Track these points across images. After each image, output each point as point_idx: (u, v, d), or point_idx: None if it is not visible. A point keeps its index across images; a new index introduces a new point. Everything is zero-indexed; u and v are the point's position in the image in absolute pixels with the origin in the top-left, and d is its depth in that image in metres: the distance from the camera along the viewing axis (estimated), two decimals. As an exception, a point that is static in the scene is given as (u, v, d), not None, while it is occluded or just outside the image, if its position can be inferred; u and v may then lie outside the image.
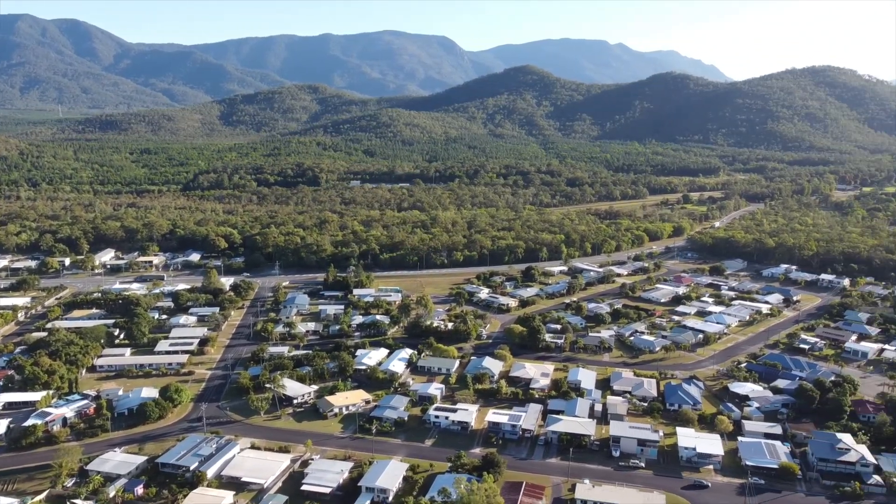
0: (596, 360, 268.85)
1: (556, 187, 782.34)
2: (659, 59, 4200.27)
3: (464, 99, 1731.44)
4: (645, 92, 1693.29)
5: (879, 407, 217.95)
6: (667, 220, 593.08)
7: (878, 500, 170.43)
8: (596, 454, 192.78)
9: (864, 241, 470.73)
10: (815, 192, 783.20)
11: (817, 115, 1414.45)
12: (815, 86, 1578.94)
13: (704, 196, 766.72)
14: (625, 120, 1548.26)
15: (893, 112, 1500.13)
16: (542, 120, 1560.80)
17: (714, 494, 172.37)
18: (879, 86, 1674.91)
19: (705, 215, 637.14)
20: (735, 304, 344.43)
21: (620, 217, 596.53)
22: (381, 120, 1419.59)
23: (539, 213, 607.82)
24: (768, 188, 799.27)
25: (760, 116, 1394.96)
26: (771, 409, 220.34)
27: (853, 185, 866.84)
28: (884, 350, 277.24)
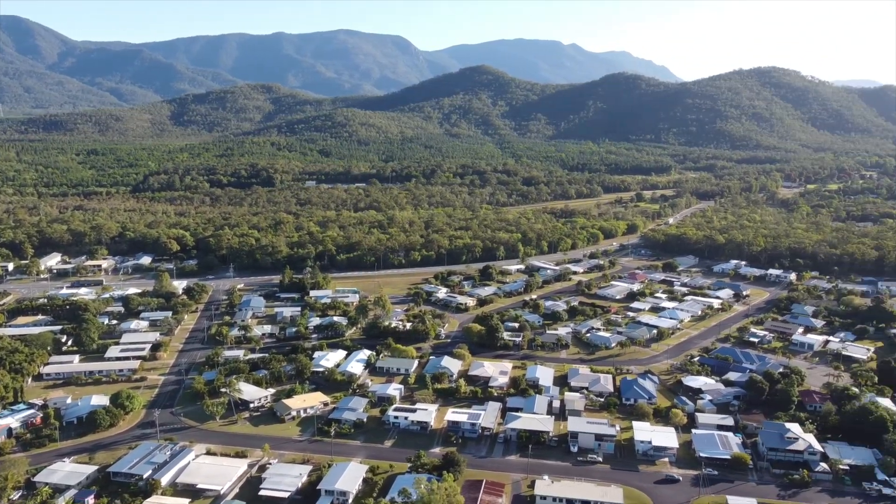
0: (553, 358, 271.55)
1: (512, 186, 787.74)
2: (611, 59, 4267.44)
3: (419, 99, 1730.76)
4: (598, 92, 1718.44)
5: (825, 397, 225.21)
6: (621, 218, 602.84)
7: (825, 487, 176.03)
8: (555, 450, 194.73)
9: (808, 236, 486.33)
10: (763, 190, 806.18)
11: (763, 114, 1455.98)
12: (761, 86, 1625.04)
13: (657, 194, 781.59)
14: (579, 119, 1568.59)
15: (835, 112, 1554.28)
16: (497, 119, 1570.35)
17: (670, 486, 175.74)
18: (821, 86, 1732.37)
19: (658, 213, 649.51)
20: (687, 299, 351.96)
21: (576, 215, 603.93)
22: (336, 120, 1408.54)
23: (496, 213, 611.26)
24: (718, 186, 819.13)
25: (710, 116, 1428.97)
26: (723, 401, 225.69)
27: (798, 183, 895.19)
28: (828, 342, 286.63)
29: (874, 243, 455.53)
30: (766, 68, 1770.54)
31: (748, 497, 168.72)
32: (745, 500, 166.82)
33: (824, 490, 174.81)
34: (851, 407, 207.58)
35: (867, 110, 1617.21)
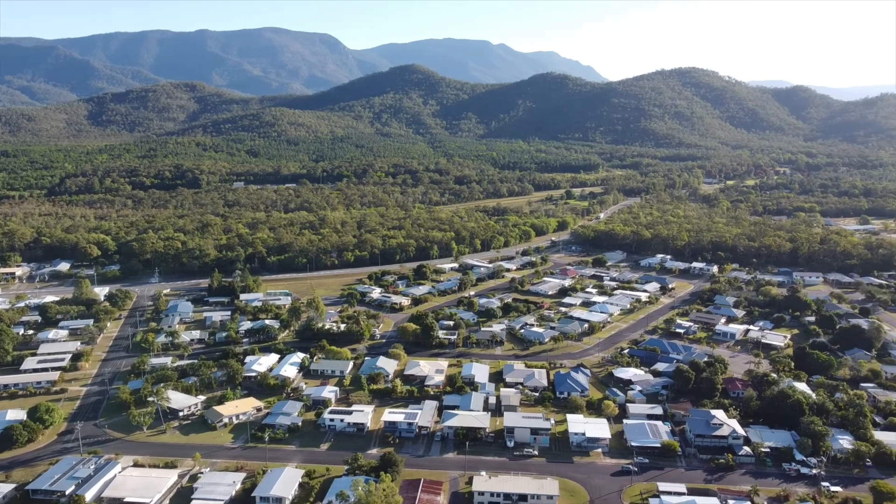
0: (489, 354, 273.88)
1: (444, 185, 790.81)
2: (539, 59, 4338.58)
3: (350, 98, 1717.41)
4: (527, 91, 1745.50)
5: (747, 383, 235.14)
6: (552, 215, 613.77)
7: (748, 469, 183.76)
8: (491, 446, 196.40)
9: (729, 230, 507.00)
10: (686, 186, 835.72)
11: (685, 113, 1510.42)
12: (682, 86, 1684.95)
13: (586, 191, 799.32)
14: (509, 119, 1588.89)
15: (751, 111, 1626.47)
16: (429, 119, 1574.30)
17: (603, 476, 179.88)
18: (738, 86, 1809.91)
19: (587, 210, 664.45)
20: (617, 293, 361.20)
21: (508, 213, 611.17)
22: (264, 119, 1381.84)
23: (429, 212, 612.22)
24: (643, 183, 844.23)
25: (634, 115, 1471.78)
26: (652, 391, 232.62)
27: (718, 179, 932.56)
28: (749, 331, 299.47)
29: (788, 236, 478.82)
30: (686, 69, 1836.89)
31: (677, 483, 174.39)
32: (674, 485, 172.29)
33: (748, 472, 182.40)
34: (771, 392, 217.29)
35: (780, 109, 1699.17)
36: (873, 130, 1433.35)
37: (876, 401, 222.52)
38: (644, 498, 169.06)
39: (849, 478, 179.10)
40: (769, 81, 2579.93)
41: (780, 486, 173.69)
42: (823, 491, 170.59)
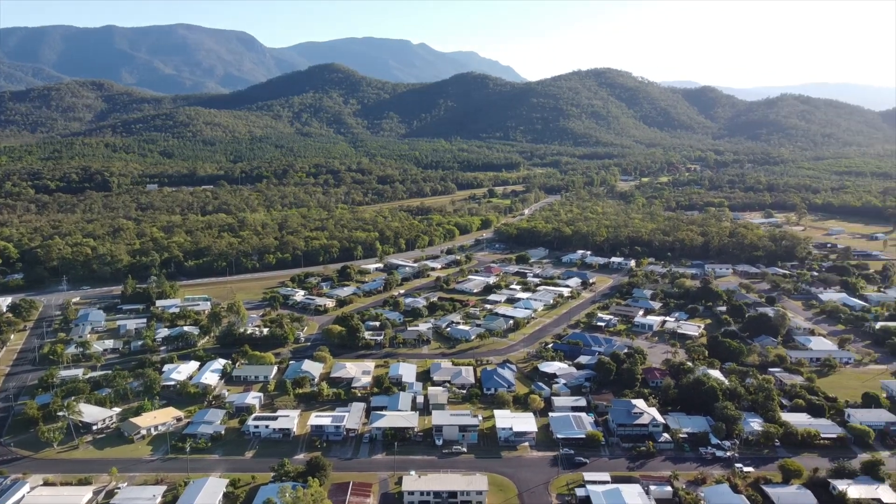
0: (416, 354, 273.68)
1: (367, 185, 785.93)
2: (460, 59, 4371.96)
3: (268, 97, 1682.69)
4: (448, 91, 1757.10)
5: (664, 372, 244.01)
6: (475, 213, 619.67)
7: (668, 455, 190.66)
8: (420, 445, 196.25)
9: (645, 225, 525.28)
10: (603, 184, 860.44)
11: (601, 112, 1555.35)
12: (598, 86, 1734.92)
13: (508, 190, 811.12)
14: (431, 118, 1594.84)
15: (663, 110, 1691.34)
16: (350, 118, 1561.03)
17: (530, 469, 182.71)
18: (650, 87, 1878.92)
19: (510, 208, 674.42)
20: (540, 289, 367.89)
21: (432, 212, 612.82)
22: (178, 119, 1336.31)
23: (352, 212, 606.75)
24: (563, 181, 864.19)
25: (553, 114, 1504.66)
26: (576, 383, 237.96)
27: (634, 176, 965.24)
28: (665, 322, 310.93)
29: (700, 230, 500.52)
30: (601, 69, 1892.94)
31: (602, 472, 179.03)
32: (599, 474, 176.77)
33: (667, 458, 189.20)
34: (687, 380, 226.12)
35: (690, 109, 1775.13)
36: (775, 129, 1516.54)
37: (782, 384, 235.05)
38: (570, 488, 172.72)
39: (760, 458, 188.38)
40: (679, 82, 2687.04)
41: (698, 470, 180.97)
42: (737, 472, 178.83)
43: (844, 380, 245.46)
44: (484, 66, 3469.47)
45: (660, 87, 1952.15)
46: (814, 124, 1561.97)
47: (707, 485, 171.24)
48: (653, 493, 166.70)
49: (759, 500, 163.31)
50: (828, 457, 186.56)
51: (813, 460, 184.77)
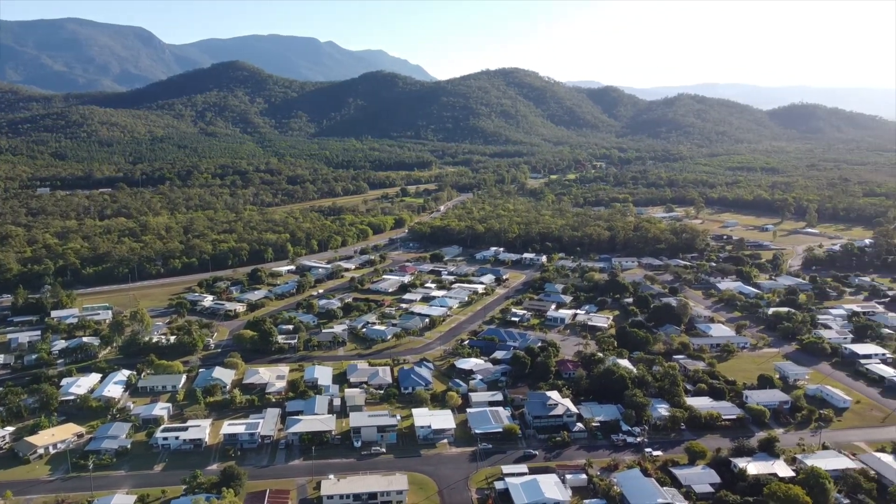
0: (331, 356, 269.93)
1: (277, 186, 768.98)
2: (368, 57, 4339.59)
3: (169, 95, 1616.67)
4: (358, 89, 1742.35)
5: (577, 364, 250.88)
6: (388, 213, 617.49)
7: (582, 444, 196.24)
8: (339, 448, 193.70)
9: (554, 222, 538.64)
10: (514, 181, 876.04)
11: (510, 111, 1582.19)
12: (506, 86, 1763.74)
13: (421, 189, 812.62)
14: (341, 117, 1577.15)
15: (569, 109, 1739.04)
16: (257, 117, 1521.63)
17: (450, 466, 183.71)
18: (556, 86, 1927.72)
19: (423, 207, 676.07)
20: (455, 287, 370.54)
21: (344, 213, 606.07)
22: (71, 118, 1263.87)
23: (261, 213, 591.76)
24: (475, 179, 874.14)
25: (463, 113, 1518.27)
26: (492, 379, 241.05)
27: (543, 174, 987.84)
28: (576, 315, 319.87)
29: (607, 225, 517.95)
30: (509, 69, 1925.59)
31: (519, 464, 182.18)
32: (516, 467, 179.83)
33: (581, 447, 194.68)
34: (598, 370, 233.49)
35: (594, 108, 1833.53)
36: (673, 127, 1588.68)
37: (686, 370, 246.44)
38: (489, 482, 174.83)
39: (667, 442, 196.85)
40: (583, 82, 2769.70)
41: (610, 457, 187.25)
42: (647, 456, 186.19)
43: (742, 363, 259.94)
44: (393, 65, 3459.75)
45: (565, 86, 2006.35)
46: (708, 122, 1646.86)
47: (619, 470, 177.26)
48: (569, 482, 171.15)
49: (668, 482, 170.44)
50: (729, 437, 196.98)
51: (716, 441, 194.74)
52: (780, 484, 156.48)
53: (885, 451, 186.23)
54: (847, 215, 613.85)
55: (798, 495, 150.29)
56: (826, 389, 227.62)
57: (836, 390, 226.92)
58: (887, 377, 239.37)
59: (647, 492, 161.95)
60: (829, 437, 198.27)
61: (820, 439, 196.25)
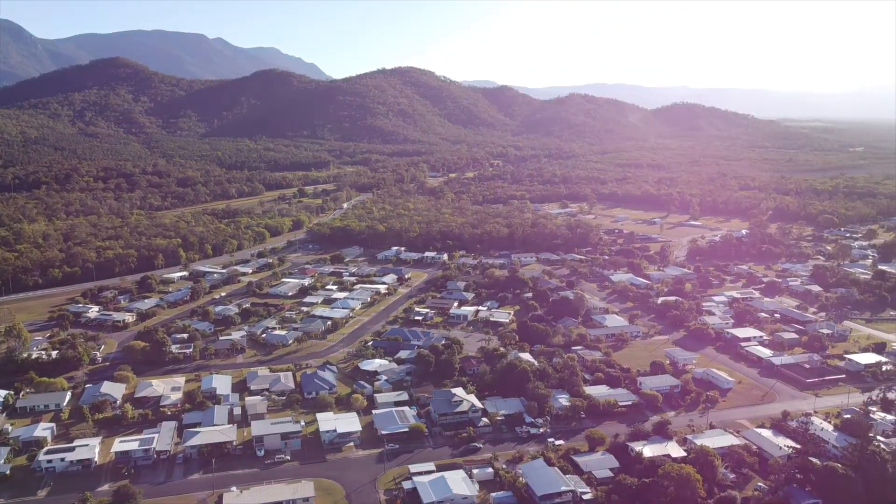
0: (230, 364, 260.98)
1: (166, 188, 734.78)
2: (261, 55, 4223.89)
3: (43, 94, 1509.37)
4: (251, 88, 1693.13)
5: (480, 360, 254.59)
6: (286, 214, 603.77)
7: (488, 438, 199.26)
8: (241, 458, 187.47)
9: (455, 220, 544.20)
10: (413, 180, 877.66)
11: (407, 111, 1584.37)
12: (403, 85, 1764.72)
13: (319, 189, 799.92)
14: (233, 116, 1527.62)
15: (465, 108, 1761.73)
16: (142, 117, 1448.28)
17: (357, 469, 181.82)
18: (452, 86, 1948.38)
19: (321, 207, 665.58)
20: (357, 288, 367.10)
21: (239, 215, 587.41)
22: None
23: (150, 218, 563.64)
24: (374, 178, 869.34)
25: (360, 112, 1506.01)
26: (397, 378, 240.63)
27: (442, 173, 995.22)
28: (479, 311, 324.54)
29: (505, 222, 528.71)
30: (405, 68, 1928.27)
31: (426, 462, 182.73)
32: (424, 465, 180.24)
33: (487, 441, 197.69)
34: (501, 365, 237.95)
35: (490, 107, 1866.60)
36: (566, 126, 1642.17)
37: (584, 360, 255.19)
38: (397, 482, 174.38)
39: (569, 430, 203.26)
40: (479, 81, 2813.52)
41: (515, 449, 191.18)
42: (549, 446, 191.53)
43: (636, 351, 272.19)
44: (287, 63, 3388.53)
45: (461, 86, 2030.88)
46: (598, 121, 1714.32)
47: (524, 462, 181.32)
48: (475, 476, 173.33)
49: (571, 469, 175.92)
50: (626, 422, 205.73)
51: (614, 427, 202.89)
52: (673, 464, 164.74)
53: (765, 427, 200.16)
54: (726, 207, 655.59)
55: (689, 474, 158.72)
56: (712, 372, 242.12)
57: (720, 373, 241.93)
58: (765, 358, 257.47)
59: (550, 480, 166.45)
60: (715, 416, 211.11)
61: (707, 419, 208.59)
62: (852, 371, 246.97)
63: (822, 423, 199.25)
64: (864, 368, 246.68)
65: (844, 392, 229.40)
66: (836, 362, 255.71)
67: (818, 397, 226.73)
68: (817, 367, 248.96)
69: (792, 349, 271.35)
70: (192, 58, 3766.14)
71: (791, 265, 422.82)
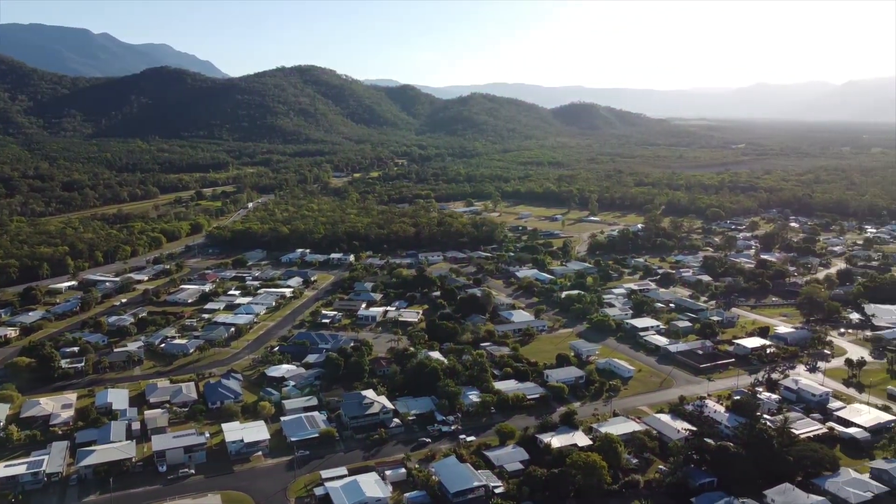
0: (127, 377, 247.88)
1: (50, 193, 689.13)
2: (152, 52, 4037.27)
3: None
4: (141, 86, 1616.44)
5: (390, 360, 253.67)
6: (183, 218, 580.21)
7: (400, 438, 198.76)
8: (142, 475, 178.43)
9: (360, 220, 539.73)
10: (317, 181, 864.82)
11: (309, 110, 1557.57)
12: (304, 83, 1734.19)
13: (218, 191, 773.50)
14: (122, 116, 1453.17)
15: (368, 108, 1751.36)
16: (20, 117, 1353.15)
17: (266, 478, 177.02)
18: (355, 84, 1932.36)
19: (221, 210, 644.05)
20: (261, 292, 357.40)
21: (133, 220, 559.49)
22: None
23: (32, 225, 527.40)
24: (276, 179, 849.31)
25: (260, 112, 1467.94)
26: (306, 383, 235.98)
27: (346, 173, 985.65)
28: (387, 311, 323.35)
29: (412, 221, 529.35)
30: (306, 66, 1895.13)
31: (338, 467, 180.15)
32: (335, 470, 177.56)
33: (399, 442, 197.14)
34: (411, 364, 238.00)
35: (393, 106, 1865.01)
36: (469, 125, 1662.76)
37: (493, 356, 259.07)
38: (309, 490, 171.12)
39: (480, 426, 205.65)
40: (381, 80, 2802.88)
41: (427, 448, 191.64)
42: (462, 443, 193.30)
43: (542, 345, 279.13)
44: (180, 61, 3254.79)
45: (363, 85, 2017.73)
46: (500, 120, 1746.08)
47: (437, 460, 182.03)
48: (389, 478, 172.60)
49: (482, 465, 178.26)
50: (534, 415, 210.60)
51: (523, 420, 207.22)
52: (580, 453, 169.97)
53: (664, 412, 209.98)
54: (622, 203, 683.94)
55: (595, 461, 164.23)
56: (613, 362, 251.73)
57: (621, 362, 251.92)
58: (661, 346, 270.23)
59: (463, 477, 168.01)
60: (618, 404, 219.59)
61: (611, 407, 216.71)
62: (740, 355, 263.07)
63: (715, 405, 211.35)
64: (751, 352, 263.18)
65: (734, 375, 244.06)
66: (725, 347, 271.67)
67: (711, 381, 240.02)
68: (709, 353, 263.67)
69: (686, 337, 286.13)
70: (75, 54, 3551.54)
71: (683, 257, 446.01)
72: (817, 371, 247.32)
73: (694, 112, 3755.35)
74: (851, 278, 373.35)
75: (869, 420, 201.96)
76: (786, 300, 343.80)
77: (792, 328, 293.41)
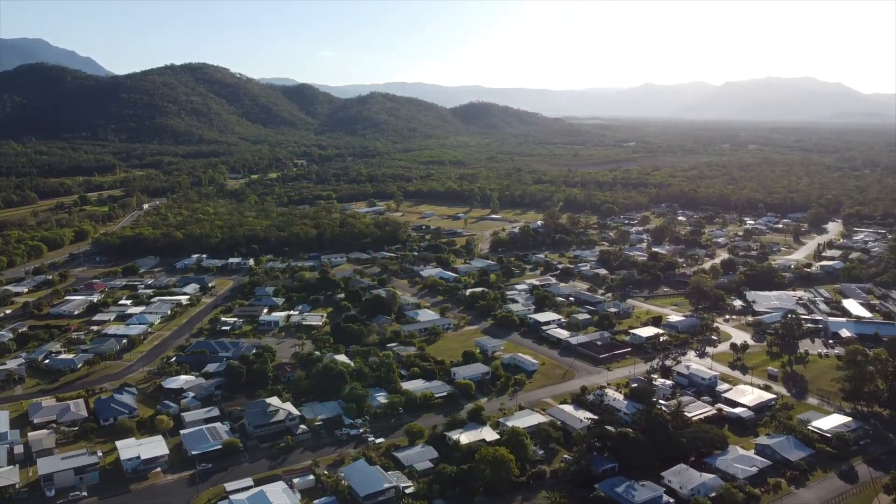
0: (7, 397, 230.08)
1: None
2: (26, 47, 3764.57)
3: None
4: (15, 84, 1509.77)
5: (295, 366, 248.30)
6: (66, 224, 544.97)
7: (307, 445, 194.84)
8: (27, 502, 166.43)
9: (260, 223, 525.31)
10: (212, 183, 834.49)
11: (202, 109, 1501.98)
12: (195, 82, 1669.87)
13: (104, 195, 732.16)
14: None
15: (264, 107, 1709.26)
16: None
17: (167, 495, 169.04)
18: (250, 83, 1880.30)
19: (108, 215, 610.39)
20: (155, 301, 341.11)
21: (9, 228, 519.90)
22: None
23: None
24: (168, 182, 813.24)
25: (149, 111, 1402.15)
26: (206, 394, 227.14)
27: (243, 174, 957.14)
28: (290, 316, 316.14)
29: (313, 223, 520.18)
30: (197, 64, 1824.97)
31: (243, 478, 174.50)
32: (241, 482, 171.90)
33: (307, 448, 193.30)
34: (317, 369, 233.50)
35: (290, 105, 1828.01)
36: (369, 124, 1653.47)
37: (400, 357, 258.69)
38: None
39: (388, 428, 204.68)
40: (277, 79, 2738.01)
41: (336, 452, 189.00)
42: (370, 445, 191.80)
43: (448, 343, 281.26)
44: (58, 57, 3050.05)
45: (259, 83, 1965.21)
46: (401, 119, 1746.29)
47: (346, 464, 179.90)
48: (296, 486, 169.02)
49: (392, 466, 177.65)
50: (442, 413, 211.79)
51: (431, 419, 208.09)
52: (488, 448, 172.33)
53: (567, 403, 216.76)
54: (522, 201, 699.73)
55: (503, 455, 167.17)
56: (518, 357, 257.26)
57: (526, 356, 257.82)
58: (563, 339, 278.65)
59: (373, 479, 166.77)
60: (524, 398, 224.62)
61: (517, 401, 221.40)
62: (636, 344, 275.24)
63: (614, 393, 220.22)
64: (646, 341, 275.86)
65: (631, 364, 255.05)
66: (622, 337, 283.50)
67: (610, 371, 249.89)
68: (607, 344, 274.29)
69: (586, 329, 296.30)
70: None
71: (581, 252, 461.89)
72: (706, 356, 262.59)
73: (587, 111, 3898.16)
74: (734, 268, 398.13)
75: (752, 399, 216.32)
76: (676, 290, 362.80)
77: (682, 316, 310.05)
